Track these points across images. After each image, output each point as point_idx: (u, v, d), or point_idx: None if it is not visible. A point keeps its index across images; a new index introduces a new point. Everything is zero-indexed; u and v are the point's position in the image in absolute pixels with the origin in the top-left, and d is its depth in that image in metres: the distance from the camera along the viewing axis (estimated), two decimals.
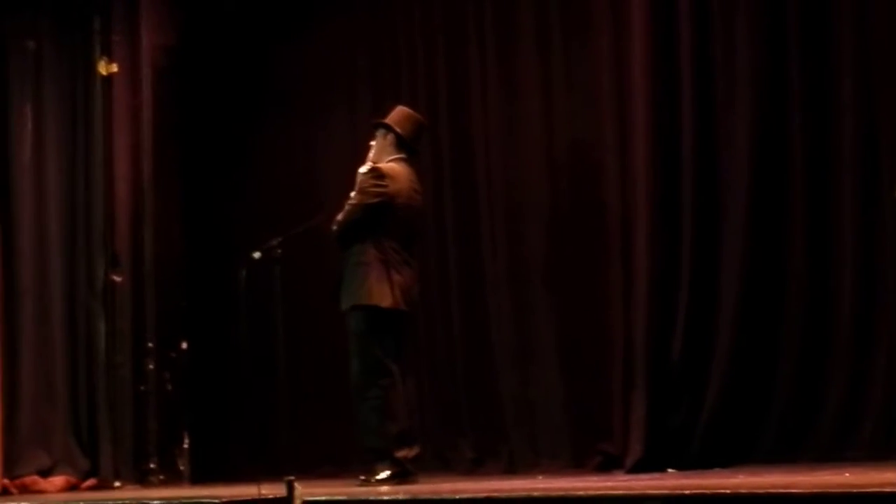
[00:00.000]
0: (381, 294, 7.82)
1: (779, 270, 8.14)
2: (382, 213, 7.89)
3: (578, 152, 9.14)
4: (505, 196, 9.48)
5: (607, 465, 8.55)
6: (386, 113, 8.22)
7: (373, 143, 8.15)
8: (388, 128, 8.09)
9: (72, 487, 10.27)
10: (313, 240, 8.48)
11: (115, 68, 10.74)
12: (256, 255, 7.74)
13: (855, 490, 5.31)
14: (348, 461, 8.16)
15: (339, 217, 7.90)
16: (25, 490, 10.10)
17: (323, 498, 6.94)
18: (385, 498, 6.70)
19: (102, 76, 10.79)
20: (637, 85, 8.53)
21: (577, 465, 8.82)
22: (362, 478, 7.83)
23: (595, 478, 8.04)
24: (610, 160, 8.82)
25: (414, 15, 10.07)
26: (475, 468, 9.34)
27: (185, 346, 10.59)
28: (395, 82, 10.07)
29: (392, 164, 8.04)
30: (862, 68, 7.92)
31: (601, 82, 8.92)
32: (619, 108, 8.76)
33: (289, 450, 7.62)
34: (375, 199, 7.89)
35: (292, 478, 6.97)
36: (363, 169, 8.04)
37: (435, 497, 6.73)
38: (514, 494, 6.51)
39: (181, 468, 10.45)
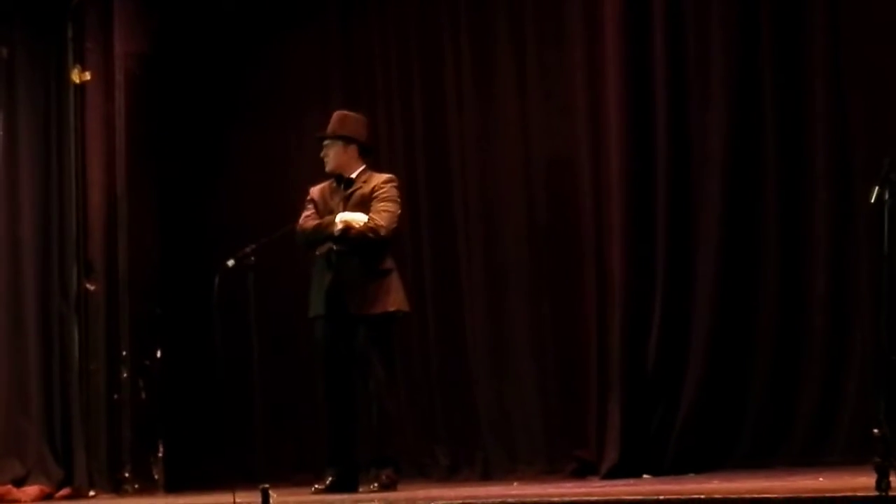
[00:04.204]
0: (407, 300, 8.15)
1: (753, 277, 8.16)
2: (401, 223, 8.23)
3: (553, 160, 9.16)
4: (480, 204, 9.48)
5: (583, 472, 8.55)
6: (325, 124, 8.28)
7: (325, 154, 8.19)
8: (349, 139, 8.17)
9: (46, 496, 10.23)
10: (287, 247, 8.46)
11: (88, 76, 10.73)
12: (230, 262, 7.74)
13: (829, 495, 5.32)
14: (323, 469, 8.14)
15: (383, 223, 7.98)
16: None
17: None
18: None
19: (75, 84, 10.76)
20: (611, 93, 8.54)
21: (553, 471, 8.82)
22: (374, 485, 7.89)
23: (570, 484, 8.04)
24: (584, 168, 8.83)
25: (388, 23, 10.07)
26: (451, 475, 9.33)
27: (159, 353, 10.57)
28: (370, 90, 10.07)
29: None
30: (834, 75, 7.95)
31: (575, 90, 8.93)
32: (593, 116, 8.77)
33: (264, 458, 7.60)
34: (400, 210, 8.19)
35: (267, 486, 6.97)
36: (383, 178, 8.14)
37: None
38: (489, 501, 6.51)
39: (156, 476, 10.42)
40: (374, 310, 7.94)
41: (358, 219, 7.97)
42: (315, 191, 8.28)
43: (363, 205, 8.06)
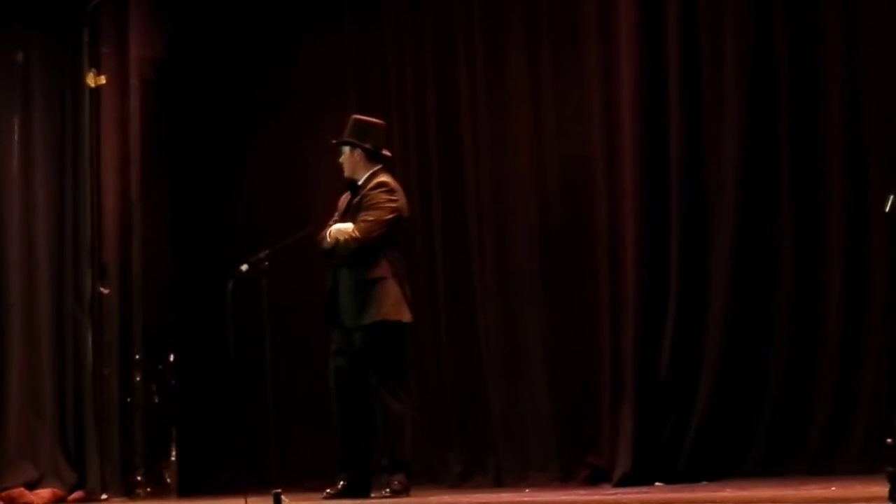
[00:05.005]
0: (403, 310, 8.03)
1: (767, 284, 8.14)
2: (393, 228, 8.02)
3: (567, 165, 9.14)
4: (493, 208, 9.48)
5: (595, 479, 8.53)
6: (342, 127, 8.27)
7: (341, 160, 8.20)
8: (354, 145, 8.15)
9: (59, 500, 10.24)
10: (301, 252, 8.47)
11: (103, 80, 10.74)
12: (244, 267, 7.75)
13: (842, 503, 5.32)
14: (335, 474, 8.14)
15: (358, 234, 7.92)
16: (12, 502, 10.07)
17: None
18: None
19: (91, 88, 10.78)
20: (625, 97, 8.54)
21: (565, 478, 8.80)
22: (386, 491, 7.88)
23: (583, 491, 8.04)
24: (598, 173, 8.82)
25: (402, 26, 10.07)
26: (463, 481, 9.32)
27: (172, 358, 10.58)
28: (384, 94, 10.07)
29: (390, 178, 8.10)
30: (850, 80, 7.93)
31: (590, 94, 8.93)
32: (607, 121, 8.76)
33: (276, 462, 7.60)
34: (391, 215, 8.03)
35: (279, 490, 6.97)
36: (375, 182, 8.06)
37: None
38: None
39: (168, 480, 10.43)
40: (363, 320, 7.92)
41: (345, 230, 7.97)
42: (341, 198, 8.30)
43: (359, 212, 8.06)
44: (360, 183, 8.15)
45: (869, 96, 7.89)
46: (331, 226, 8.10)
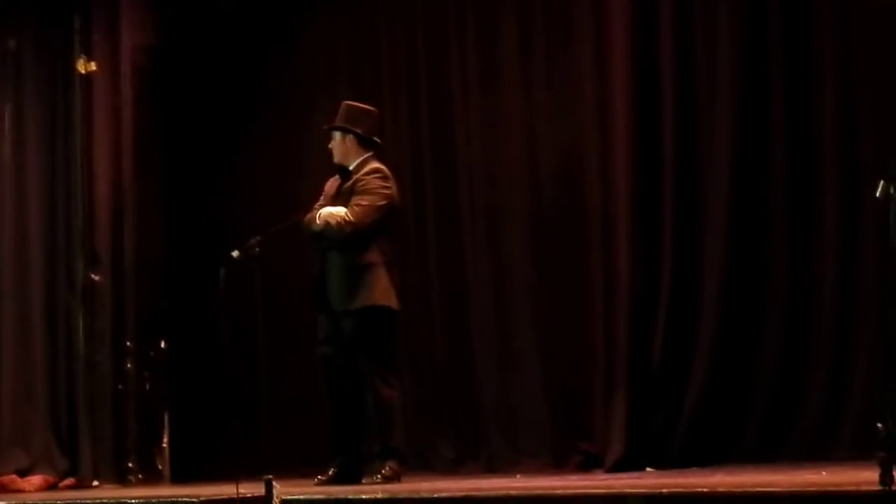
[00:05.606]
0: (391, 296, 8.02)
1: (759, 272, 8.16)
2: (385, 215, 8.02)
3: (560, 154, 9.14)
4: (486, 198, 9.47)
5: (587, 465, 8.55)
6: (334, 114, 8.25)
7: (332, 146, 8.18)
8: (346, 130, 8.13)
9: (50, 487, 10.24)
10: (292, 239, 8.46)
11: (94, 67, 10.72)
12: (236, 254, 7.73)
13: (833, 489, 5.33)
14: (327, 461, 8.15)
15: (352, 217, 7.90)
16: (3, 489, 10.08)
17: (301, 497, 6.95)
18: (363, 497, 6.70)
19: (82, 75, 10.77)
20: (618, 87, 8.54)
21: (558, 464, 8.81)
22: (378, 477, 7.88)
23: (575, 477, 8.04)
24: (591, 162, 8.83)
25: (395, 17, 10.06)
26: (455, 468, 9.33)
27: (164, 345, 10.58)
28: (377, 84, 10.05)
29: (382, 165, 8.09)
30: (843, 70, 7.95)
31: (583, 84, 8.93)
32: (600, 111, 8.76)
33: (268, 449, 7.59)
34: (385, 201, 8.02)
35: (271, 477, 6.97)
36: (369, 168, 8.04)
37: (414, 496, 6.74)
38: (492, 494, 6.52)
39: (160, 467, 10.44)
40: (353, 305, 7.91)
41: (337, 213, 7.96)
42: (328, 183, 8.29)
43: (351, 197, 8.05)
44: (351, 168, 8.13)
45: (862, 88, 7.90)
46: (318, 209, 8.09)
